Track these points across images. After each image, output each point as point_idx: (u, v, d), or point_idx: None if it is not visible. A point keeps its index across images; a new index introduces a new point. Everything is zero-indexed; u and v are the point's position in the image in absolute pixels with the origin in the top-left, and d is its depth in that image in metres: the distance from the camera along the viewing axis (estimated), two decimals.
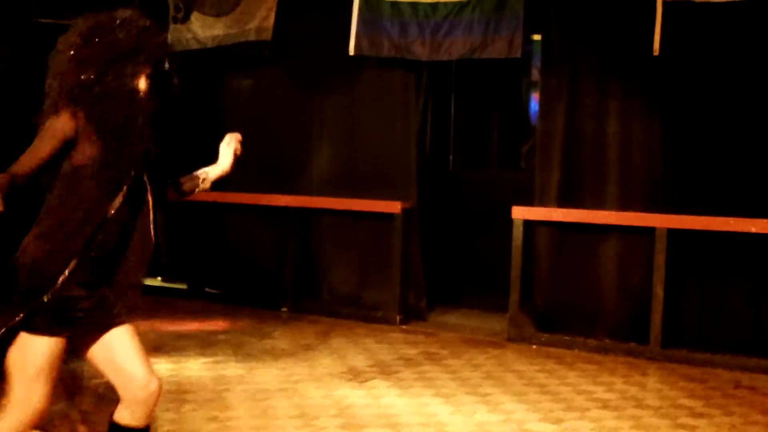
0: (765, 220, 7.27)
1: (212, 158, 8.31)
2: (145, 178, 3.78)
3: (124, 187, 3.65)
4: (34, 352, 3.54)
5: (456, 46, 8.39)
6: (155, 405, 3.76)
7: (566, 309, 8.27)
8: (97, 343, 3.70)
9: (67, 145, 3.52)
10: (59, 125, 3.51)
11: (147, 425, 3.74)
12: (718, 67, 7.57)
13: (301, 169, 9.57)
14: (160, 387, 3.76)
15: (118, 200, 3.63)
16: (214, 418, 5.69)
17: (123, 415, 3.71)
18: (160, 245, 10.40)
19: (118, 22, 3.66)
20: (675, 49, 7.56)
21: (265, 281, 9.66)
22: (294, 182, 9.58)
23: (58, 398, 4.03)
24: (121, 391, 3.70)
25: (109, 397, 4.03)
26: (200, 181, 4.15)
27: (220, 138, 4.30)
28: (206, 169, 4.19)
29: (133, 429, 3.71)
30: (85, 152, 3.55)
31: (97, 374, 3.82)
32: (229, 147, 4.21)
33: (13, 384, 3.55)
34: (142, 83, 3.74)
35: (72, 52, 3.62)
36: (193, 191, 4.15)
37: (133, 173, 3.68)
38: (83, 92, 3.57)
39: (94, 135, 3.56)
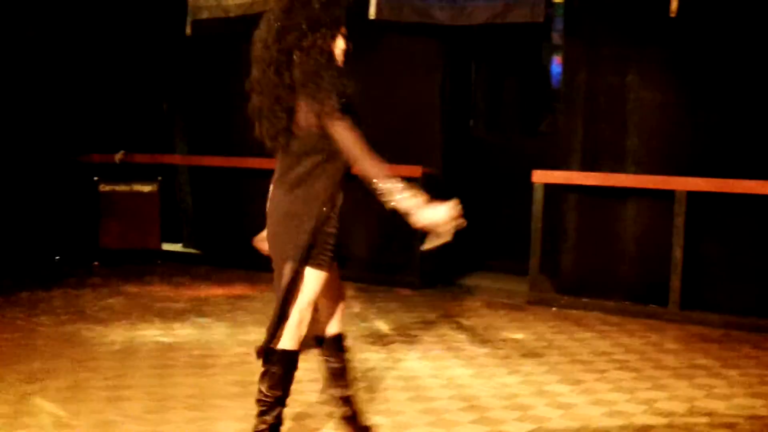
0: None
1: (227, 126, 8.21)
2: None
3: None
4: (315, 284, 4.38)
5: (478, 11, 8.37)
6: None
7: (587, 272, 8.33)
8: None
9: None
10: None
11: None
12: (736, 27, 7.55)
13: None
14: None
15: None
16: (237, 382, 5.79)
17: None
18: (185, 211, 10.67)
19: None
20: (693, 10, 7.54)
21: None
22: None
23: None
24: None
25: None
26: (392, 197, 4.25)
27: (236, 108, 4.39)
28: (412, 198, 4.16)
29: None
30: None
31: None
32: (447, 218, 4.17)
33: (291, 311, 4.37)
34: (340, 43, 4.35)
35: (277, 24, 4.15)
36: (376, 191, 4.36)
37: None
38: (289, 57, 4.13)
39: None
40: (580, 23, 8.25)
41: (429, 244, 4.15)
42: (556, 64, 9.58)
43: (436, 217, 4.09)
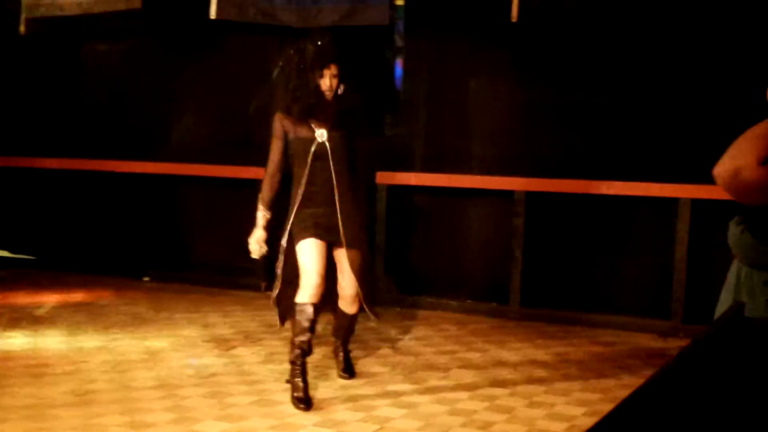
0: (619, 182, 7.51)
1: (74, 126, 7.85)
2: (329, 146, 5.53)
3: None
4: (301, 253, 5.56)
5: (325, 14, 8.35)
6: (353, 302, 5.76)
7: (432, 272, 8.41)
8: (335, 252, 5.67)
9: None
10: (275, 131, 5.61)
11: (355, 313, 5.88)
12: (574, 32, 7.75)
13: (167, 136, 9.44)
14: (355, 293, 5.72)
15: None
16: (74, 391, 5.60)
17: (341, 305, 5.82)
18: (17, 215, 10.30)
19: (301, 45, 5.54)
20: (534, 15, 7.70)
21: (128, 250, 9.52)
22: (159, 150, 9.43)
23: None
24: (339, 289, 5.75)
25: None
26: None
27: (73, 108, 4.31)
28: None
29: (343, 313, 5.89)
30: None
31: None
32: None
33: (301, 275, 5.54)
34: (325, 81, 5.48)
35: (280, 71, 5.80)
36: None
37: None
38: (287, 91, 5.55)
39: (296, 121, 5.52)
40: (421, 26, 8.33)
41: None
42: (400, 66, 9.63)
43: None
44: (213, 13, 8.57)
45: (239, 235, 9.09)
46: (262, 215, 5.67)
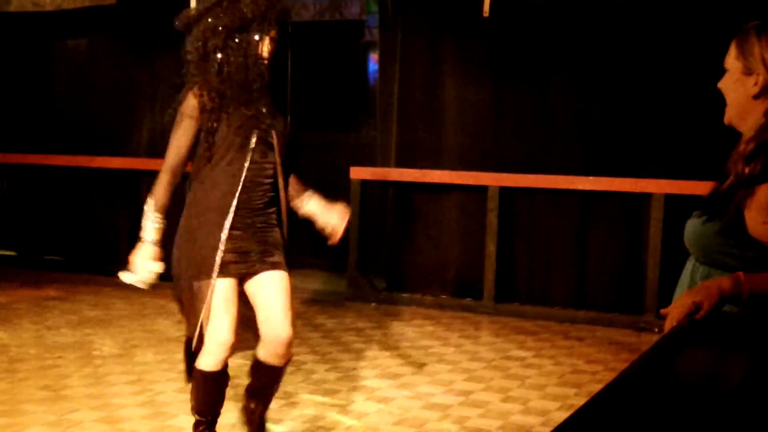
0: (591, 178, 7.55)
1: (44, 121, 7.81)
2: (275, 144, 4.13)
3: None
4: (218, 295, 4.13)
5: (307, 9, 8.38)
6: (286, 350, 4.23)
7: (406, 267, 8.41)
8: (251, 283, 4.25)
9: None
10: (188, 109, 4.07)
11: (282, 365, 4.28)
12: (545, 28, 7.78)
13: (136, 132, 9.39)
14: (291, 336, 4.22)
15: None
16: (48, 387, 5.58)
17: (261, 353, 4.29)
18: None
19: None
20: (506, 10, 7.73)
21: (101, 246, 9.46)
22: (129, 145, 9.39)
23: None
24: (260, 328, 4.23)
25: None
26: (301, 201, 4.37)
27: (51, 102, 4.23)
28: (313, 202, 4.37)
29: (270, 366, 4.28)
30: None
31: None
32: (339, 219, 4.36)
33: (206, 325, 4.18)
34: (265, 48, 4.15)
35: (200, 25, 4.16)
36: (290, 200, 4.35)
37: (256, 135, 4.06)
38: (209, 61, 4.08)
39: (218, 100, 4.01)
40: (394, 20, 8.33)
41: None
42: (373, 62, 9.66)
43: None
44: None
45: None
46: (155, 225, 4.26)
